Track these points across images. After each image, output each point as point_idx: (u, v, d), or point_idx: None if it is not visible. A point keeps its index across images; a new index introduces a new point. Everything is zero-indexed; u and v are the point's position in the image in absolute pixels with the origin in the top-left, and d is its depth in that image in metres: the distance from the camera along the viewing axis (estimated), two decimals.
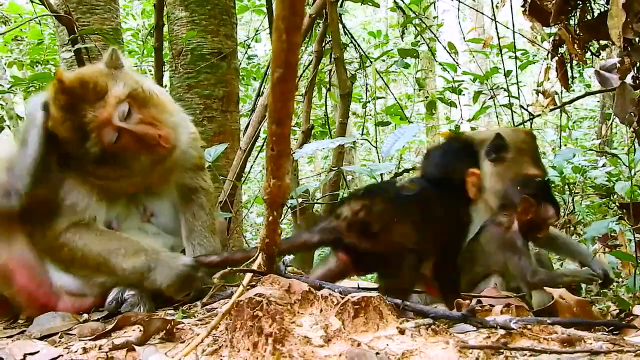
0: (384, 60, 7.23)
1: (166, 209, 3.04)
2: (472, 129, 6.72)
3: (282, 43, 1.36)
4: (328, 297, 1.69)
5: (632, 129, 4.01)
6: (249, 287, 1.78)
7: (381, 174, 3.46)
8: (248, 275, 1.82)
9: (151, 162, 2.75)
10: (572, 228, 6.91)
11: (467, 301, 2.24)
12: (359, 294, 1.71)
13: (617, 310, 3.58)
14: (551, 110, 4.63)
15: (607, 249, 3.91)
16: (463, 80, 7.15)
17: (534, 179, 3.41)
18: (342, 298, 1.69)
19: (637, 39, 3.82)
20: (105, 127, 2.58)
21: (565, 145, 9.94)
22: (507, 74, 6.45)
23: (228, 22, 4.79)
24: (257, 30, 7.60)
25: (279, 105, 1.49)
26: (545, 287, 2.70)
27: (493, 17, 4.73)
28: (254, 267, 1.88)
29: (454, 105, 7.50)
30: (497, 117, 5.85)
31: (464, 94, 7.46)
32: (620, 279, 4.25)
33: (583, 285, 4.45)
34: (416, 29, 6.06)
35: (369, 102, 6.16)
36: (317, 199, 4.90)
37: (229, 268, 2.01)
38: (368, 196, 2.40)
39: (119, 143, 2.61)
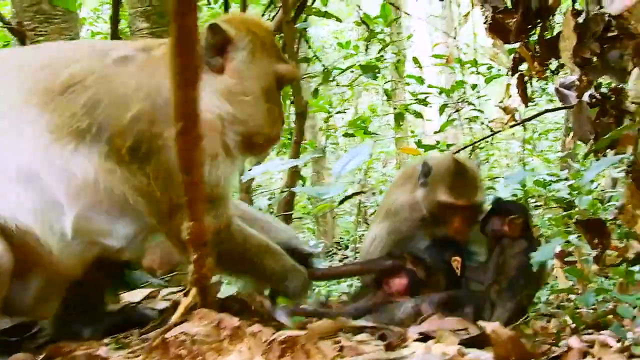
0: (352, 72, 7.25)
1: None
2: (437, 142, 6.77)
3: (179, 97, 1.37)
4: (257, 333, 1.67)
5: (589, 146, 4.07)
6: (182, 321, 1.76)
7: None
8: (178, 311, 1.79)
9: None
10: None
11: None
12: (286, 332, 1.70)
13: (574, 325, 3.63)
14: (512, 126, 4.69)
15: (564, 265, 3.96)
16: (430, 93, 7.21)
17: None
18: (271, 335, 1.67)
19: (594, 58, 3.90)
20: None
21: (531, 156, 10.13)
22: (472, 87, 6.55)
23: None
24: None
25: (185, 155, 1.50)
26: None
27: (454, 36, 4.78)
28: (185, 302, 1.86)
29: (420, 116, 7.57)
30: (462, 129, 5.89)
31: (431, 106, 7.52)
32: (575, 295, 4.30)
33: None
34: (380, 43, 6.09)
35: (332, 116, 6.18)
36: None
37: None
38: None
39: None
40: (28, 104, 2.44)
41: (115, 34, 4.45)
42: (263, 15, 5.36)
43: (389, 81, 7.48)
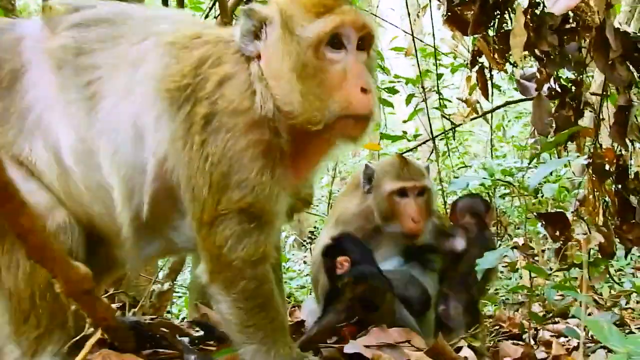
0: None
1: None
2: (404, 132, 6.72)
3: None
4: None
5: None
6: None
7: None
8: (83, 352, 1.73)
9: None
10: (503, 229, 7.03)
11: None
12: None
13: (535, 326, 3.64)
14: (472, 119, 4.65)
15: (525, 260, 3.95)
16: (399, 81, 7.15)
17: None
18: None
19: (553, 51, 3.87)
20: None
21: (501, 142, 10.15)
22: (438, 77, 6.49)
23: None
24: None
25: (10, 224, 1.43)
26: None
27: (411, 32, 4.72)
28: (89, 342, 1.79)
29: (391, 105, 7.51)
30: (428, 120, 5.84)
31: (400, 95, 7.46)
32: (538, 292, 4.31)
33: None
34: None
35: None
36: None
37: None
38: None
39: None
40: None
41: None
42: (206, 17, 5.21)
43: None
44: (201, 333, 2.97)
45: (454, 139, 6.98)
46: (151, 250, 2.46)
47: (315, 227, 11.89)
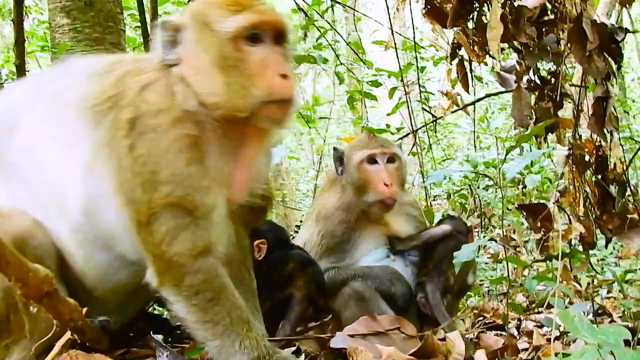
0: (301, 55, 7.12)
1: None
2: (387, 125, 6.73)
3: None
4: None
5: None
6: None
7: None
8: (52, 353, 1.72)
9: None
10: (487, 220, 7.08)
11: None
12: None
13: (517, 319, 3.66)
14: (453, 112, 4.66)
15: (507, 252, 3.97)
16: (382, 74, 7.15)
17: None
18: None
19: (531, 43, 3.87)
20: None
21: (485, 134, 10.18)
22: (421, 70, 6.51)
23: (115, 29, 4.54)
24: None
25: None
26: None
27: (390, 26, 4.72)
28: (59, 343, 1.78)
29: (375, 98, 7.52)
30: (410, 113, 5.85)
31: (385, 88, 7.47)
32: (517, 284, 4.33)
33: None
34: (319, 30, 5.99)
35: None
36: None
37: None
38: None
39: None
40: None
41: (20, 33, 4.22)
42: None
43: (339, 64, 7.36)
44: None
45: (436, 132, 6.98)
46: (118, 276, 2.51)
47: (301, 221, 11.92)
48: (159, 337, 2.61)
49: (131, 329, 2.70)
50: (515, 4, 3.76)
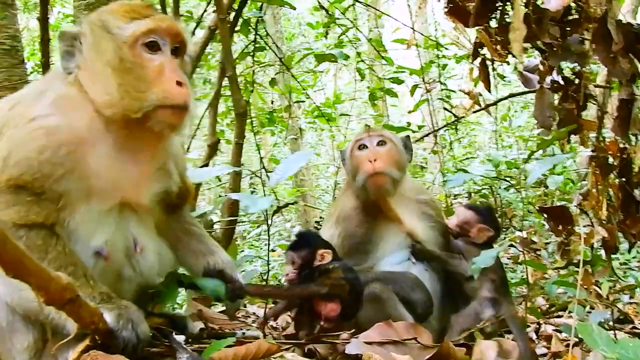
0: (321, 53, 7.10)
1: None
2: (408, 123, 6.68)
3: None
4: None
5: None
6: None
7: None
8: (72, 355, 1.72)
9: None
10: (508, 221, 6.99)
11: None
12: None
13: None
14: (475, 112, 4.60)
15: (526, 255, 3.90)
16: (403, 71, 7.10)
17: None
18: None
19: (555, 43, 3.80)
20: None
21: (507, 132, 10.06)
22: (442, 67, 6.44)
23: None
24: None
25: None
26: None
27: (412, 27, 4.65)
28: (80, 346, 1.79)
29: (396, 95, 7.47)
30: (430, 112, 5.80)
31: (406, 86, 7.42)
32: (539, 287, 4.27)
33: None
34: (340, 28, 5.95)
35: (291, 106, 6.08)
36: (214, 223, 4.82)
37: None
38: None
39: None
40: None
41: (45, 31, 4.24)
42: (205, 11, 5.20)
43: (360, 61, 7.32)
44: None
45: (457, 131, 6.92)
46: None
47: (321, 217, 11.91)
48: (180, 338, 2.61)
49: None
50: (539, 1, 3.69)
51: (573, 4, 3.63)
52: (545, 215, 4.02)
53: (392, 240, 3.66)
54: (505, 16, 3.94)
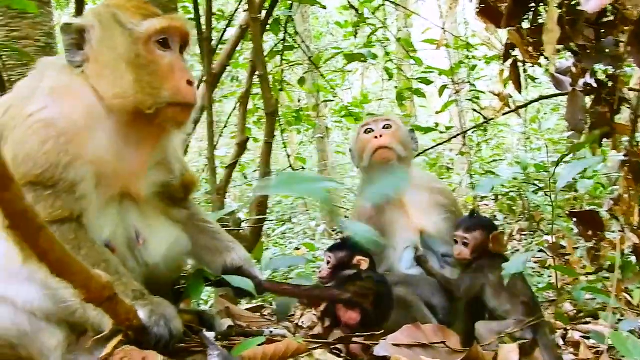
0: (350, 53, 7.09)
1: None
2: (436, 124, 6.63)
3: None
4: None
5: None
6: None
7: None
8: (105, 350, 1.74)
9: None
10: (536, 224, 6.90)
11: None
12: None
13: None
14: (505, 114, 4.55)
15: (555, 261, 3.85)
16: (432, 72, 7.06)
17: None
18: None
19: (589, 45, 3.74)
20: None
21: (536, 135, 9.92)
22: (471, 68, 6.38)
23: None
24: None
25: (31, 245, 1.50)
26: None
27: (442, 27, 4.61)
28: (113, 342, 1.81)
29: (424, 95, 7.42)
30: (458, 113, 5.75)
31: (434, 85, 7.37)
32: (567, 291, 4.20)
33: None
34: (370, 28, 5.93)
35: (318, 104, 6.08)
36: (242, 221, 4.83)
37: None
38: None
39: None
40: None
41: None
42: (237, 10, 5.21)
43: (389, 60, 7.28)
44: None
45: (485, 132, 6.85)
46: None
47: (346, 217, 11.89)
48: (211, 335, 2.62)
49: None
50: (573, 2, 3.64)
51: (609, 6, 3.56)
52: (575, 220, 3.96)
53: (402, 237, 3.64)
54: (538, 17, 3.90)
